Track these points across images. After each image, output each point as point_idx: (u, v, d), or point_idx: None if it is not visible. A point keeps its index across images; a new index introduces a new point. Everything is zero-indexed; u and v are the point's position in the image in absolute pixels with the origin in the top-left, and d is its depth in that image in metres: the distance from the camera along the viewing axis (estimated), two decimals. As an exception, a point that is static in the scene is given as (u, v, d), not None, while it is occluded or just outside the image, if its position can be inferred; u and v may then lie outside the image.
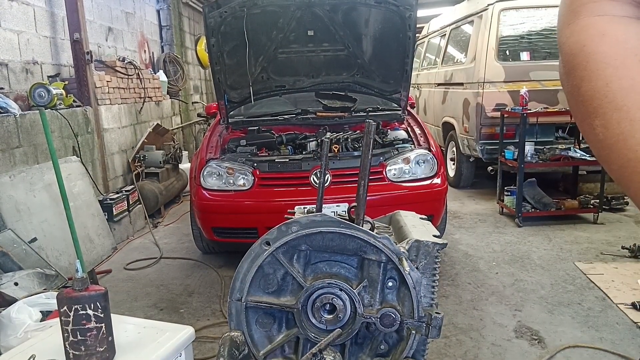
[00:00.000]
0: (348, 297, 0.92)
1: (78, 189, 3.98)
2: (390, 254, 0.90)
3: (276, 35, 4.00)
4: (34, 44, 4.23)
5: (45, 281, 2.86)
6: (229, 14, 3.76)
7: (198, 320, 3.03)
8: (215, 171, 3.53)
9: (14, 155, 3.51)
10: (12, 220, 3.23)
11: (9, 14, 3.92)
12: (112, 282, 3.69)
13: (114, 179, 5.16)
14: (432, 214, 3.43)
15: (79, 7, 4.42)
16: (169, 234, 4.91)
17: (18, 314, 2.14)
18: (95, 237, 4.01)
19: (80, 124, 4.45)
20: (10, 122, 3.48)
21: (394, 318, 0.91)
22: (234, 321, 0.95)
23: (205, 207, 3.53)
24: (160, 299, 3.38)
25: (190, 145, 8.03)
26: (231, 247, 3.93)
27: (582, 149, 4.89)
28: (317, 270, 0.95)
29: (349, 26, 4.00)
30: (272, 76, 4.31)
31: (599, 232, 4.44)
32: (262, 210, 3.38)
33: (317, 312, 0.93)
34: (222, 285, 3.54)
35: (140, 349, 1.48)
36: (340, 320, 0.93)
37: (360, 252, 0.92)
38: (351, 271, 0.94)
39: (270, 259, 0.93)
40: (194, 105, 8.67)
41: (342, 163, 3.50)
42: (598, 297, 3.12)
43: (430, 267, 0.93)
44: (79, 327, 1.33)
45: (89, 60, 4.52)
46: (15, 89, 3.95)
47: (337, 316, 0.93)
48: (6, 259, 2.89)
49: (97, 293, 1.35)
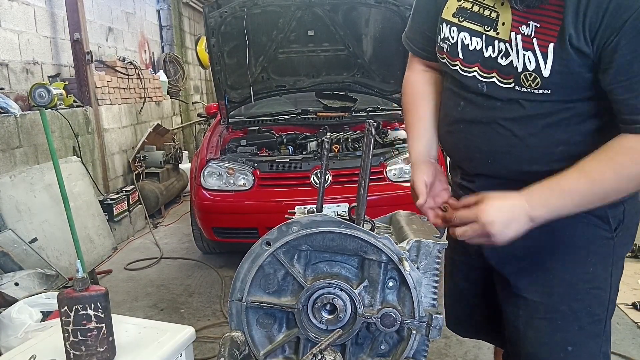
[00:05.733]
0: (348, 297, 0.92)
1: (78, 189, 3.98)
2: (391, 254, 0.90)
3: (276, 35, 4.00)
4: (34, 44, 4.23)
5: (45, 281, 2.86)
6: (229, 14, 3.76)
7: (198, 320, 3.03)
8: (216, 171, 3.53)
9: (14, 156, 3.51)
10: (13, 220, 3.22)
11: (9, 14, 3.92)
12: (112, 282, 3.69)
13: (115, 179, 5.16)
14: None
15: (79, 7, 4.41)
16: (170, 234, 4.91)
17: (18, 314, 2.14)
18: (96, 237, 4.01)
19: (80, 124, 4.45)
20: (11, 122, 3.48)
21: (395, 318, 0.91)
22: (234, 321, 0.95)
23: (205, 207, 3.52)
24: (160, 299, 3.38)
25: (190, 146, 8.03)
26: (231, 247, 3.93)
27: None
28: (317, 271, 0.95)
29: (349, 26, 4.00)
30: (272, 76, 4.31)
31: (599, 232, 4.43)
32: (263, 210, 3.38)
33: (317, 312, 0.93)
34: (222, 286, 3.53)
35: (141, 349, 1.48)
36: (341, 320, 0.93)
37: (360, 252, 0.92)
38: (352, 271, 0.94)
39: (271, 259, 0.93)
40: (194, 105, 8.66)
41: (342, 163, 3.50)
42: (598, 297, 3.12)
43: (430, 267, 0.93)
44: (79, 327, 1.33)
45: (89, 60, 4.52)
46: (16, 89, 3.95)
47: (337, 316, 0.93)
48: (7, 259, 2.89)
49: (97, 293, 1.35)
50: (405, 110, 1.36)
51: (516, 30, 1.02)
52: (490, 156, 1.15)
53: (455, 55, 1.14)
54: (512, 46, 1.03)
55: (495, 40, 1.06)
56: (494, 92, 1.09)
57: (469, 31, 1.10)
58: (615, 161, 0.98)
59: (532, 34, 1.00)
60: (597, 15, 0.92)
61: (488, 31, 1.07)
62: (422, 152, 1.27)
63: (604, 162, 0.98)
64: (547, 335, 1.15)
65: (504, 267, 1.17)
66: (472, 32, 1.10)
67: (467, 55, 1.12)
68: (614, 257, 1.16)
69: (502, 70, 1.06)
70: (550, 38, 0.98)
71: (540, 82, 1.01)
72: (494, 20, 1.06)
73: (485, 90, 1.11)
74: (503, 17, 1.04)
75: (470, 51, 1.11)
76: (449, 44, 1.15)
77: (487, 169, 1.17)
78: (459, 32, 1.12)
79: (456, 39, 1.13)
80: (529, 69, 1.01)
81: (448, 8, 1.15)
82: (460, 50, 1.13)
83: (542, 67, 0.99)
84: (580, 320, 1.14)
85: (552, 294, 1.12)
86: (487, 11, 1.07)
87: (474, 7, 1.09)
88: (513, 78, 1.05)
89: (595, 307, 1.16)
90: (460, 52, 1.13)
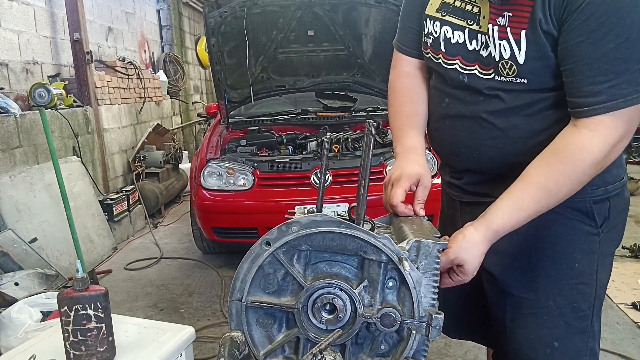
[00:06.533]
0: (348, 297, 0.92)
1: (78, 189, 3.98)
2: (391, 254, 0.90)
3: (276, 35, 4.00)
4: (34, 44, 4.23)
5: (45, 281, 2.86)
6: (229, 13, 3.76)
7: (198, 320, 3.03)
8: (216, 171, 3.53)
9: (14, 156, 3.51)
10: (13, 220, 3.23)
11: (9, 14, 3.92)
12: (112, 282, 3.69)
13: (114, 179, 5.16)
14: (432, 214, 3.42)
15: (79, 7, 4.41)
16: (169, 234, 4.91)
17: (18, 314, 2.14)
18: (96, 237, 4.01)
19: (80, 124, 4.45)
20: (11, 122, 3.48)
21: (394, 318, 0.91)
22: (234, 321, 0.95)
23: (205, 207, 3.52)
24: (160, 299, 3.38)
25: (190, 145, 8.03)
26: (231, 247, 3.93)
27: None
28: (317, 270, 0.95)
29: (349, 26, 4.00)
30: (272, 76, 4.31)
31: (599, 232, 4.43)
32: (262, 210, 3.38)
33: (317, 312, 0.93)
34: (222, 286, 3.54)
35: (141, 349, 1.48)
36: (341, 320, 0.93)
37: (360, 252, 0.92)
38: (351, 271, 0.94)
39: (271, 259, 0.93)
40: (194, 105, 8.66)
41: (342, 163, 3.50)
42: (598, 297, 3.12)
43: (430, 267, 0.93)
44: (79, 327, 1.33)
45: (89, 60, 4.52)
46: (16, 89, 3.95)
47: (337, 316, 0.93)
48: (6, 259, 2.89)
49: (97, 293, 1.35)
50: (395, 111, 1.37)
51: (493, 22, 1.06)
52: (475, 150, 1.17)
53: (438, 48, 1.18)
54: (490, 37, 1.07)
55: (478, 33, 1.10)
56: (475, 82, 1.13)
57: (451, 25, 1.15)
58: (567, 166, 1.00)
59: (506, 23, 1.04)
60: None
61: (471, 25, 1.11)
62: (412, 145, 1.26)
63: (558, 171, 1.00)
64: (533, 331, 1.16)
65: (490, 264, 1.16)
66: (455, 26, 1.14)
67: (449, 49, 1.16)
68: (599, 253, 1.16)
69: (483, 61, 1.10)
70: (522, 25, 1.02)
71: (517, 69, 1.04)
72: (476, 15, 1.10)
73: (466, 81, 1.14)
74: (484, 11, 1.09)
75: (452, 44, 1.15)
76: (432, 38, 1.19)
77: (473, 164, 1.20)
78: (442, 26, 1.16)
79: (439, 32, 1.17)
80: (505, 57, 1.05)
81: (432, 4, 1.19)
82: (442, 44, 1.17)
83: (517, 54, 1.03)
84: (565, 315, 1.15)
85: (538, 289, 1.13)
86: (469, 6, 1.12)
87: (456, 2, 1.13)
88: (493, 68, 1.09)
89: (580, 303, 1.16)
90: (442, 46, 1.17)
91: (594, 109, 0.97)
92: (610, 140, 0.98)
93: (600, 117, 0.97)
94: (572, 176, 1.00)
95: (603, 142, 0.97)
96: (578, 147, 0.99)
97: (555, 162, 1.00)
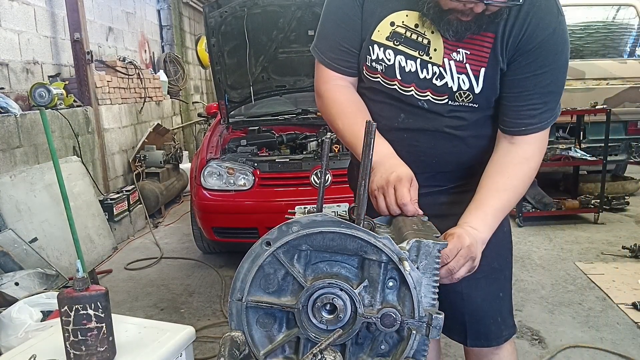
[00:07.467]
0: (348, 297, 0.92)
1: (78, 189, 3.98)
2: (391, 254, 0.90)
3: (277, 35, 4.00)
4: (34, 44, 4.23)
5: (45, 281, 2.86)
6: (229, 13, 3.76)
7: (198, 320, 3.04)
8: (216, 171, 3.53)
9: (14, 155, 3.51)
10: (13, 220, 3.23)
11: (9, 14, 3.92)
12: (112, 282, 3.70)
13: (115, 179, 5.16)
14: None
15: (79, 7, 4.42)
16: (170, 234, 4.92)
17: (19, 313, 2.14)
18: (96, 237, 4.01)
19: (80, 124, 4.46)
20: (11, 122, 3.48)
21: (395, 318, 0.91)
22: (234, 321, 0.95)
23: (205, 207, 3.53)
24: (160, 299, 3.38)
25: (190, 145, 8.03)
26: (231, 247, 3.93)
27: (583, 148, 4.89)
28: (317, 270, 0.94)
29: (350, 26, 4.00)
30: (272, 76, 4.31)
31: (599, 232, 4.44)
32: (263, 210, 3.38)
33: (317, 312, 0.93)
34: (222, 285, 3.54)
35: (141, 349, 1.48)
36: (341, 320, 0.93)
37: (360, 252, 0.92)
38: (352, 271, 0.94)
39: (271, 259, 0.93)
40: (195, 105, 8.67)
41: (342, 163, 3.50)
42: (599, 297, 3.12)
43: (430, 267, 0.93)
44: (79, 327, 1.33)
45: (89, 60, 4.52)
46: (16, 89, 3.95)
47: (337, 316, 0.93)
48: (7, 259, 2.89)
49: (97, 293, 1.35)
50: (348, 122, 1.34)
51: (448, 57, 1.23)
52: (435, 157, 1.35)
53: (393, 76, 1.29)
54: (446, 70, 1.24)
55: (429, 64, 1.25)
56: (434, 107, 1.29)
57: (404, 54, 1.26)
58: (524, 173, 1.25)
59: (464, 60, 1.22)
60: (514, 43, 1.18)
61: (422, 56, 1.25)
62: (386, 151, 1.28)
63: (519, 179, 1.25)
64: (486, 289, 1.41)
65: None
66: (408, 55, 1.26)
67: (404, 76, 1.28)
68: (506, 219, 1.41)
69: (437, 89, 1.26)
70: (482, 64, 1.22)
71: (473, 97, 1.25)
72: (425, 46, 1.24)
73: (426, 107, 1.29)
74: (434, 44, 1.23)
75: (407, 72, 1.27)
76: (384, 65, 1.29)
77: (429, 168, 1.37)
78: (396, 55, 1.27)
79: (393, 61, 1.28)
80: (464, 88, 1.25)
81: (379, 32, 1.28)
82: (397, 72, 1.28)
83: (475, 86, 1.24)
84: (503, 271, 1.47)
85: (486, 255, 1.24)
86: (420, 37, 1.24)
87: (406, 33, 1.25)
88: (447, 95, 1.26)
89: (507, 258, 1.49)
90: (397, 74, 1.28)
91: (531, 129, 1.24)
92: (543, 150, 1.29)
93: (535, 135, 1.25)
94: (526, 180, 1.26)
95: (540, 152, 1.28)
96: (524, 159, 1.25)
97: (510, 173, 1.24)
